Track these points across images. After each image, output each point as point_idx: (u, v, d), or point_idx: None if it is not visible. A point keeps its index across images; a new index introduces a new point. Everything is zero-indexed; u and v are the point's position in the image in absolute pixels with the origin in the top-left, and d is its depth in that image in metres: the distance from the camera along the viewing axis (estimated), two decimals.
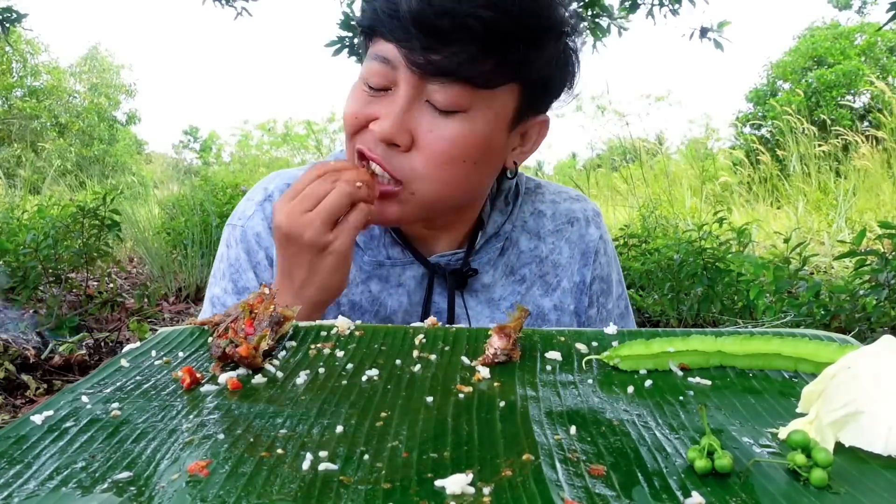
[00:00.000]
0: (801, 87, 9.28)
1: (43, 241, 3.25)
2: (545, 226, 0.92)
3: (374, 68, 0.75)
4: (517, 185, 0.92)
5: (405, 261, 0.87)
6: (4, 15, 3.89)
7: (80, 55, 16.67)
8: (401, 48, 0.72)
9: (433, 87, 0.73)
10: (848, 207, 5.20)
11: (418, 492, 0.38)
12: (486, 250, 0.88)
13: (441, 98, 0.72)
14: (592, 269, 0.91)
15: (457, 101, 0.73)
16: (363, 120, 0.76)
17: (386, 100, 0.75)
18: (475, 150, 0.75)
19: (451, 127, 0.73)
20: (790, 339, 0.59)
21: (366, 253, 0.88)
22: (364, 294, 0.87)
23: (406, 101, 0.73)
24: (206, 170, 9.85)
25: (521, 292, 0.89)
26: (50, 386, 2.41)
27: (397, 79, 0.74)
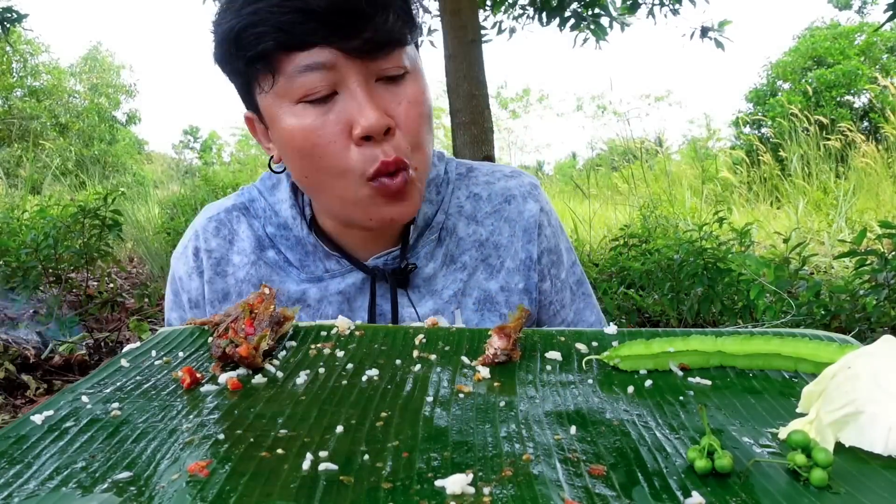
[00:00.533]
0: (802, 87, 9.28)
1: (43, 241, 3.26)
2: (482, 208, 0.90)
3: (311, 80, 0.70)
4: (446, 171, 0.91)
5: (343, 270, 0.86)
6: (5, 15, 3.89)
7: (80, 55, 16.69)
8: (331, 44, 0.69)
9: (377, 63, 0.72)
10: (848, 207, 5.19)
11: (418, 492, 0.38)
12: (423, 243, 0.87)
13: (389, 67, 0.72)
14: (538, 244, 0.90)
15: (400, 63, 0.73)
16: (340, 138, 0.72)
17: (337, 105, 0.72)
18: (426, 103, 0.77)
19: (408, 89, 0.74)
20: (790, 339, 0.59)
21: (302, 271, 0.86)
22: (304, 311, 0.85)
23: (365, 89, 0.71)
24: (207, 170, 9.86)
25: (463, 279, 0.87)
26: (50, 386, 2.41)
27: (341, 77, 0.71)
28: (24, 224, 3.86)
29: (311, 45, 0.69)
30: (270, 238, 0.87)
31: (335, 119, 0.72)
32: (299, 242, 0.86)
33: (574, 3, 4.10)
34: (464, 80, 3.29)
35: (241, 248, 0.87)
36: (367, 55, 0.70)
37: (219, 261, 0.87)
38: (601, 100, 9.09)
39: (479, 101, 3.32)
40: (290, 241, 0.86)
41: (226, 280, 0.87)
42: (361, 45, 0.69)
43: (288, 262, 0.86)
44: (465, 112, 3.30)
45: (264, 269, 0.87)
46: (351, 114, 0.71)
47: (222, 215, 0.90)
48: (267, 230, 0.87)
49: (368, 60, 0.71)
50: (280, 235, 0.86)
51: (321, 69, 0.70)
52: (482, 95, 3.35)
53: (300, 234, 0.85)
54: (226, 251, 0.88)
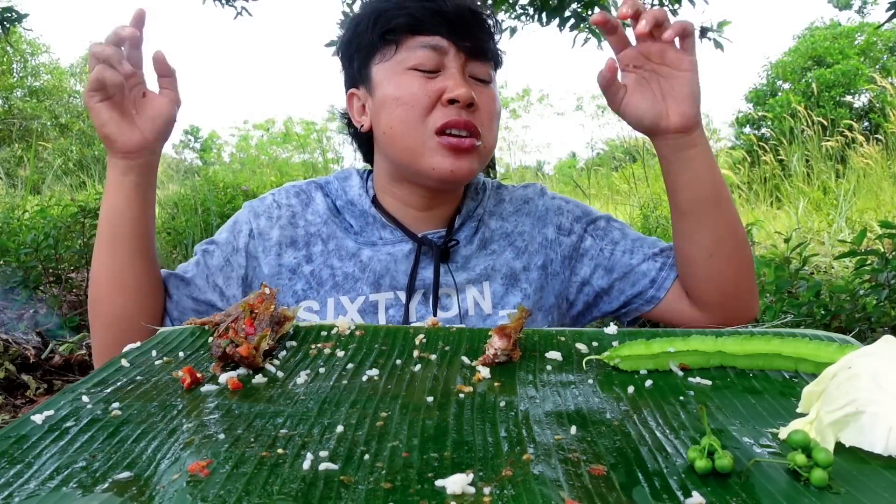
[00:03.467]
0: (801, 87, 9.28)
1: (43, 241, 3.25)
2: (507, 209, 1.08)
3: (425, 55, 0.93)
4: (483, 182, 1.10)
5: (395, 239, 1.00)
6: (5, 15, 3.89)
7: (80, 55, 16.68)
8: (449, 38, 0.93)
9: (472, 65, 0.95)
10: (848, 207, 5.19)
11: (418, 492, 0.38)
12: (464, 229, 1.03)
13: (480, 71, 0.96)
14: (558, 223, 1.06)
15: (488, 73, 0.97)
16: (432, 97, 0.92)
17: (440, 78, 0.93)
18: (500, 109, 1.00)
19: (489, 92, 0.97)
20: (790, 339, 0.59)
21: (361, 234, 1.01)
22: (356, 265, 0.98)
23: (461, 73, 0.93)
24: (207, 170, 9.85)
25: (493, 258, 1.02)
26: (50, 386, 2.41)
27: (445, 62, 0.93)
28: (24, 224, 3.86)
29: (433, 33, 0.93)
30: (339, 209, 1.04)
31: (433, 86, 0.92)
32: (362, 214, 1.02)
33: (574, 3, 4.09)
34: None
35: (316, 210, 1.03)
36: (470, 53, 0.94)
37: (293, 214, 1.03)
38: (601, 99, 9.07)
39: None
40: (355, 212, 1.02)
41: (296, 230, 1.01)
42: (469, 45, 0.94)
43: (351, 227, 1.02)
44: None
45: (333, 227, 1.01)
46: (446, 85, 0.91)
47: (303, 185, 1.07)
48: (337, 203, 1.04)
49: (469, 58, 0.94)
50: (347, 208, 1.03)
51: (435, 50, 0.93)
52: None
53: (364, 207, 1.02)
54: (301, 209, 1.03)
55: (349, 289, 0.96)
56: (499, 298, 0.99)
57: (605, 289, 1.03)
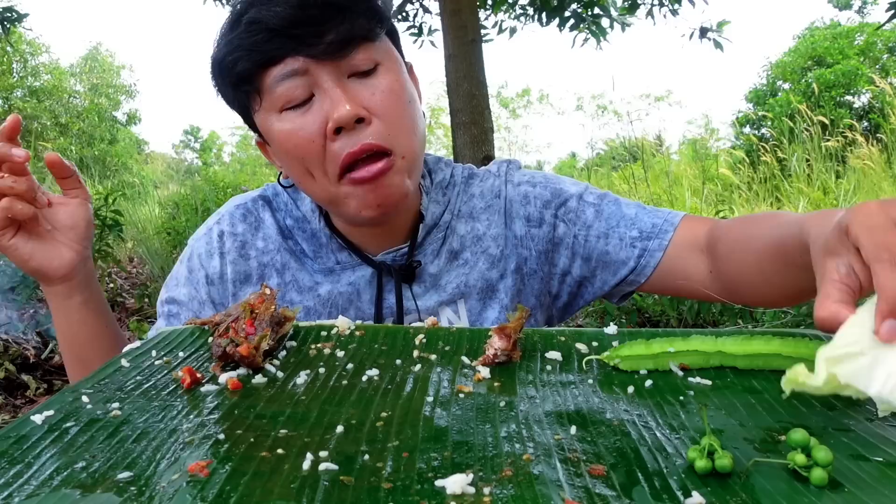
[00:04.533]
0: (801, 87, 9.28)
1: None
2: (477, 205, 0.95)
3: (288, 87, 0.77)
4: (452, 175, 0.96)
5: (353, 263, 0.90)
6: (5, 15, 3.89)
7: (80, 55, 16.69)
8: (299, 53, 0.75)
9: (346, 61, 0.77)
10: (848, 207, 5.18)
11: (418, 492, 0.38)
12: (429, 241, 0.91)
13: (358, 62, 0.78)
14: (527, 215, 0.93)
15: (370, 57, 0.78)
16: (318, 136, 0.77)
17: (315, 105, 0.77)
18: (408, 92, 0.81)
19: (381, 80, 0.79)
20: (790, 339, 0.59)
21: (315, 261, 0.91)
22: (315, 299, 0.90)
23: (338, 85, 0.76)
24: (207, 170, 9.85)
25: (465, 273, 0.91)
26: (50, 386, 2.41)
27: (314, 80, 0.77)
28: None
29: (282, 58, 0.76)
30: (289, 229, 0.93)
31: (313, 118, 0.77)
32: (314, 235, 0.91)
33: (574, 3, 4.09)
34: (464, 79, 3.29)
35: (267, 235, 0.92)
36: (333, 56, 0.76)
37: (243, 244, 0.92)
38: (601, 99, 9.09)
39: (480, 100, 3.32)
40: (307, 233, 0.92)
41: (248, 263, 0.92)
42: (326, 48, 0.75)
43: (304, 252, 0.92)
44: (465, 112, 3.30)
45: (287, 255, 0.91)
46: (327, 111, 0.76)
47: (249, 204, 0.95)
48: (286, 222, 0.93)
49: (337, 60, 0.76)
50: (297, 227, 0.92)
51: (295, 76, 0.76)
52: (482, 95, 3.35)
53: (316, 228, 0.91)
54: (251, 236, 0.93)
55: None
56: (476, 315, 0.90)
57: (586, 277, 0.93)
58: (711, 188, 6.44)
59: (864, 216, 0.46)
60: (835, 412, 0.51)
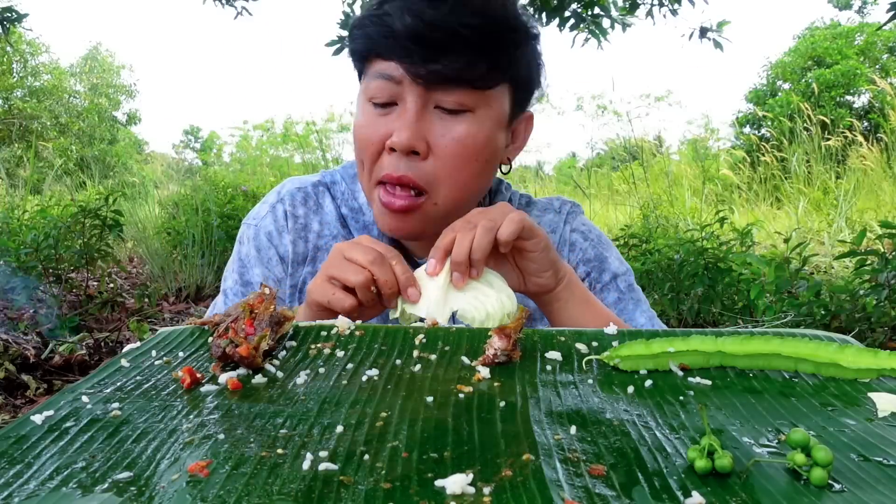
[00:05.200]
0: (801, 87, 9.29)
1: (43, 241, 3.26)
2: None
3: (379, 86, 0.80)
4: (510, 200, 0.99)
5: None
6: (5, 15, 3.89)
7: (80, 55, 16.69)
8: (402, 63, 0.78)
9: (438, 94, 0.79)
10: (848, 207, 5.19)
11: (418, 492, 0.38)
12: None
13: (448, 100, 0.79)
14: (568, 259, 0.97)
15: (462, 101, 0.79)
16: (378, 142, 0.81)
17: (394, 114, 0.81)
18: (484, 149, 0.82)
19: (460, 127, 0.80)
20: (790, 339, 0.59)
21: None
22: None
23: (415, 111, 0.79)
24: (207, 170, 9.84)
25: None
26: (50, 386, 2.41)
27: (402, 92, 0.79)
28: (24, 224, 3.86)
29: (388, 58, 0.79)
30: (344, 218, 0.95)
31: (383, 125, 0.81)
32: (366, 227, 0.93)
33: (574, 3, 4.09)
34: None
35: (324, 220, 0.95)
36: (427, 83, 0.78)
37: (303, 226, 0.94)
38: (601, 99, 9.08)
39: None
40: (359, 225, 0.94)
41: (306, 245, 0.94)
42: (425, 74, 0.77)
43: None
44: None
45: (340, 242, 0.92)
46: (395, 125, 0.80)
47: (309, 188, 0.97)
48: (342, 211, 0.95)
49: (430, 89, 0.79)
50: (351, 217, 0.94)
51: (389, 80, 0.80)
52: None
53: (369, 220, 0.93)
54: (309, 219, 0.94)
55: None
56: None
57: None
58: (711, 188, 6.44)
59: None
60: (835, 412, 0.51)
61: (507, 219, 0.73)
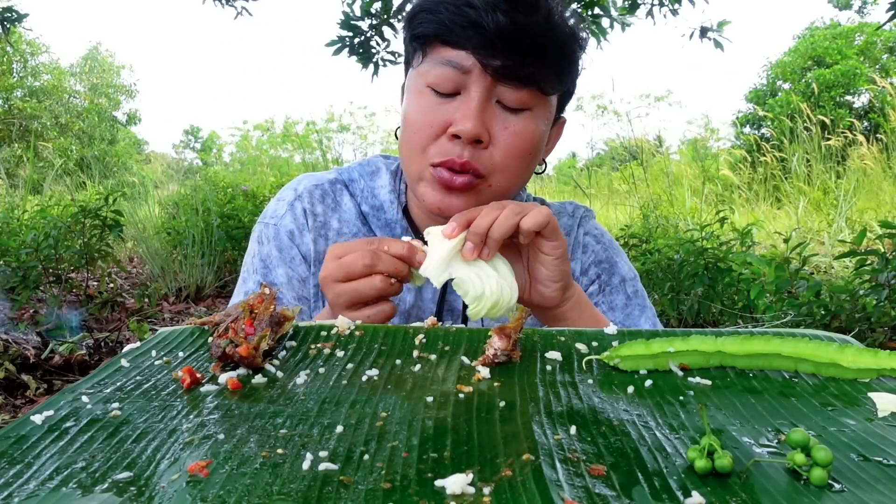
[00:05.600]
0: (801, 87, 9.29)
1: (43, 241, 3.26)
2: None
3: (444, 73, 0.81)
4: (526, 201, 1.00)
5: None
6: (5, 15, 3.89)
7: (80, 55, 16.71)
8: (478, 55, 0.79)
9: (503, 89, 0.81)
10: (848, 207, 5.19)
11: (418, 492, 0.38)
12: None
13: (512, 98, 0.81)
14: (581, 261, 1.00)
15: (524, 101, 0.82)
16: (438, 127, 0.82)
17: (455, 103, 0.81)
18: (537, 145, 0.85)
19: (520, 123, 0.83)
20: (790, 339, 0.59)
21: None
22: None
23: (481, 101, 0.80)
24: (207, 170, 9.85)
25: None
26: (50, 386, 2.41)
27: (468, 82, 0.81)
28: (24, 224, 3.86)
29: (461, 47, 0.80)
30: (364, 216, 0.95)
31: (444, 112, 0.82)
32: (388, 225, 0.93)
33: (574, 3, 4.09)
34: None
35: (343, 218, 0.94)
36: (499, 77, 0.79)
37: (323, 224, 0.94)
38: (601, 99, 9.09)
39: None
40: (381, 222, 0.94)
41: (326, 244, 0.93)
42: (498, 66, 0.79)
43: None
44: None
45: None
46: (456, 114, 0.81)
47: (326, 185, 0.96)
48: (362, 208, 0.95)
49: (497, 80, 0.80)
50: (373, 215, 0.94)
51: (457, 68, 0.80)
52: None
53: (392, 217, 0.93)
54: (328, 217, 0.94)
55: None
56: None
57: None
58: (711, 188, 6.44)
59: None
60: (835, 412, 0.51)
61: (535, 209, 0.74)
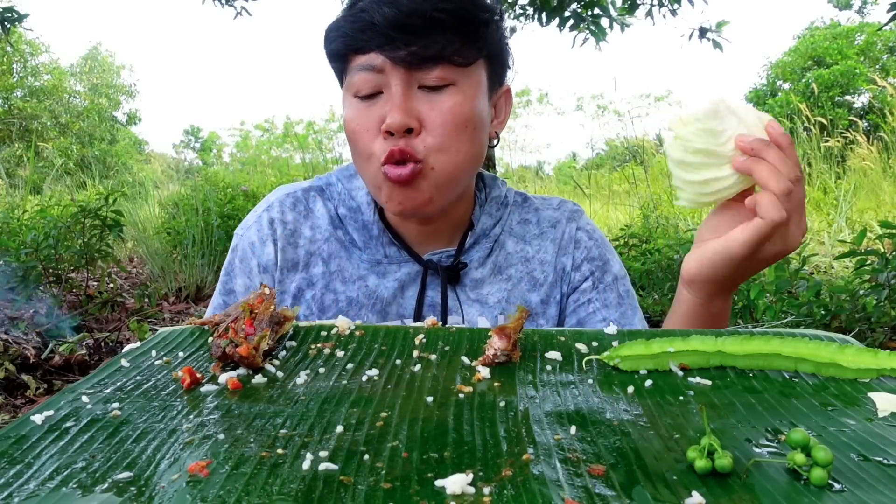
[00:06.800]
0: (801, 87, 9.29)
1: (43, 241, 3.26)
2: (531, 231, 1.01)
3: (362, 78, 0.84)
4: (506, 196, 1.02)
5: (401, 259, 0.94)
6: (5, 15, 3.89)
7: (80, 55, 16.71)
8: (383, 52, 0.82)
9: (420, 74, 0.83)
10: (848, 207, 5.19)
11: (418, 492, 0.38)
12: (476, 249, 0.96)
13: (430, 77, 0.83)
14: (573, 256, 1.00)
15: (444, 76, 0.84)
16: (372, 130, 0.84)
17: (380, 102, 0.84)
18: (471, 116, 0.86)
19: (446, 100, 0.84)
20: (790, 339, 0.59)
21: (364, 251, 0.95)
22: (361, 289, 0.94)
23: (402, 92, 0.83)
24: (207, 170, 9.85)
25: (508, 289, 0.96)
26: (50, 386, 2.41)
27: (386, 80, 0.84)
28: (24, 224, 3.86)
29: (368, 51, 0.83)
30: (341, 218, 0.96)
31: (372, 114, 0.84)
32: (365, 226, 0.95)
33: (574, 3, 4.09)
34: None
35: (316, 224, 0.96)
36: (410, 65, 0.82)
37: (293, 232, 0.95)
38: (601, 99, 9.10)
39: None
40: (358, 224, 0.95)
41: (297, 251, 0.95)
42: (406, 56, 0.82)
43: (353, 243, 0.95)
44: None
45: (335, 245, 0.95)
46: (385, 111, 0.83)
47: (299, 193, 0.99)
48: (339, 211, 0.97)
49: (412, 69, 0.83)
50: (350, 217, 0.96)
51: (371, 70, 0.84)
52: None
53: (368, 219, 0.95)
54: (300, 224, 0.96)
55: (353, 315, 0.92)
56: None
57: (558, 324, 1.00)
58: None
59: None
60: (835, 412, 0.51)
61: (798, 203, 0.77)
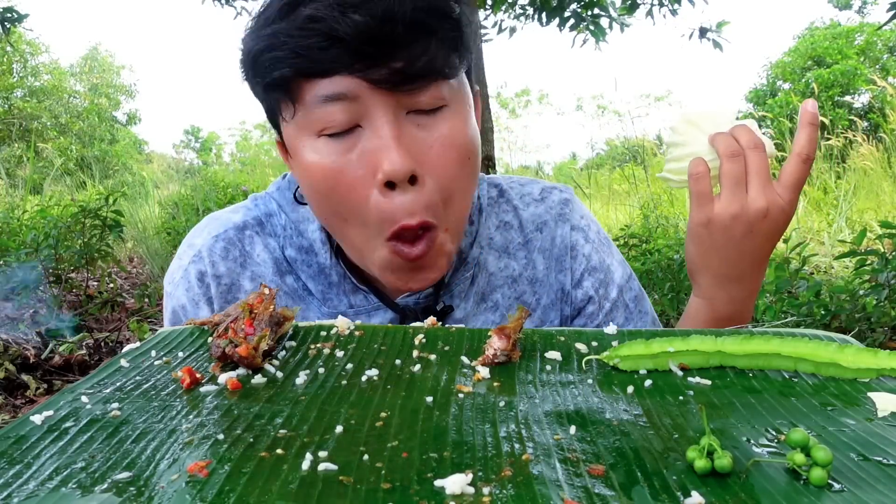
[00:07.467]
0: (801, 87, 9.29)
1: (43, 241, 3.26)
2: (514, 239, 0.82)
3: (332, 111, 0.63)
4: (479, 198, 0.83)
5: (370, 307, 0.77)
6: (5, 15, 3.89)
7: (80, 55, 16.72)
8: (356, 73, 0.62)
9: (408, 97, 0.64)
10: (848, 207, 5.19)
11: (418, 492, 0.38)
12: (456, 282, 0.79)
13: (424, 99, 0.64)
14: (572, 270, 0.83)
15: (438, 96, 0.65)
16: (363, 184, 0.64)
17: (361, 139, 0.64)
18: (472, 141, 0.69)
19: (442, 126, 0.66)
20: (790, 339, 0.59)
21: (323, 304, 0.77)
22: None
23: (392, 124, 0.63)
24: (207, 170, 9.84)
25: (495, 321, 0.80)
26: (50, 386, 2.41)
27: (365, 110, 0.63)
28: (24, 224, 3.86)
29: (333, 73, 0.62)
30: (290, 262, 0.77)
31: (358, 160, 0.64)
32: (322, 271, 0.76)
33: (574, 3, 4.09)
34: None
35: (258, 273, 0.77)
36: (396, 87, 0.62)
37: (229, 287, 0.77)
38: (601, 99, 9.10)
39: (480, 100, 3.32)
40: (313, 269, 0.76)
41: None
42: (390, 76, 0.62)
43: (308, 292, 0.77)
44: None
45: (283, 298, 0.77)
46: (375, 154, 0.63)
47: (231, 234, 0.78)
48: (286, 253, 0.77)
49: (399, 93, 0.63)
50: (302, 261, 0.76)
51: (342, 100, 0.63)
52: (482, 95, 3.34)
53: (325, 263, 0.76)
54: (237, 276, 0.77)
55: None
56: None
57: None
58: None
59: None
60: (835, 412, 0.51)
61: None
